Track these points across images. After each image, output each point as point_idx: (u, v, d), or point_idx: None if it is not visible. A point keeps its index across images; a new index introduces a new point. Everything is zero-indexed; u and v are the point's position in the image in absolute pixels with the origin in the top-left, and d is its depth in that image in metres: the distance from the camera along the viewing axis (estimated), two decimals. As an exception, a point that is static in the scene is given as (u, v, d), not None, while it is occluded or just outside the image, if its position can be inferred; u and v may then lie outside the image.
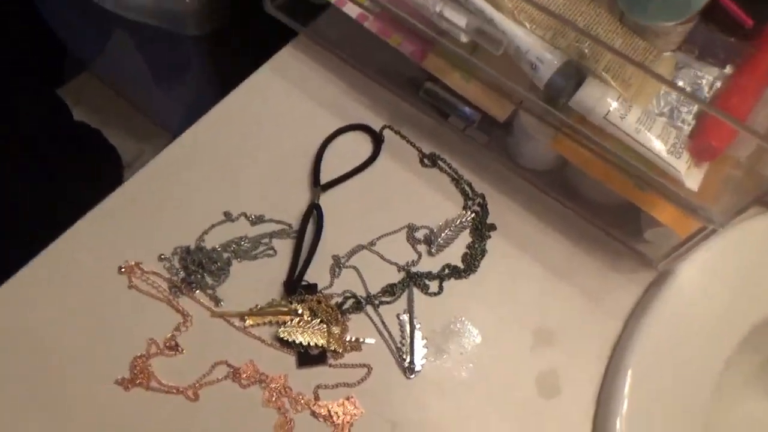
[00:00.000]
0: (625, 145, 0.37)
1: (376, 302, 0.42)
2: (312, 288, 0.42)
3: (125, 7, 0.76)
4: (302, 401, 0.38)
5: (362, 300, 0.42)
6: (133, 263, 0.42)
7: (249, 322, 0.40)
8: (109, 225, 0.43)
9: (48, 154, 0.91)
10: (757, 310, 0.42)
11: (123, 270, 0.42)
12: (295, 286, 0.42)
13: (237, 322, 0.41)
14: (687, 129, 0.38)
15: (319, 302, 0.41)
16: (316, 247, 0.43)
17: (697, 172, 0.36)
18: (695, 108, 0.38)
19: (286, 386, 0.39)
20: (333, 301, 0.42)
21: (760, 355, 0.44)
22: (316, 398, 0.39)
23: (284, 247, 0.44)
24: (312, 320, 0.40)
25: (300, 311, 0.40)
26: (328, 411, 0.38)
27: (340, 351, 0.40)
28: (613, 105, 0.36)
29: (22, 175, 0.82)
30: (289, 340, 0.39)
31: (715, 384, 0.40)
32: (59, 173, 0.91)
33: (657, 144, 0.36)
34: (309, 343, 0.39)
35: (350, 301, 0.42)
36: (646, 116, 0.37)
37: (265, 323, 0.41)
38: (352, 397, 0.39)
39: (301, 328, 0.40)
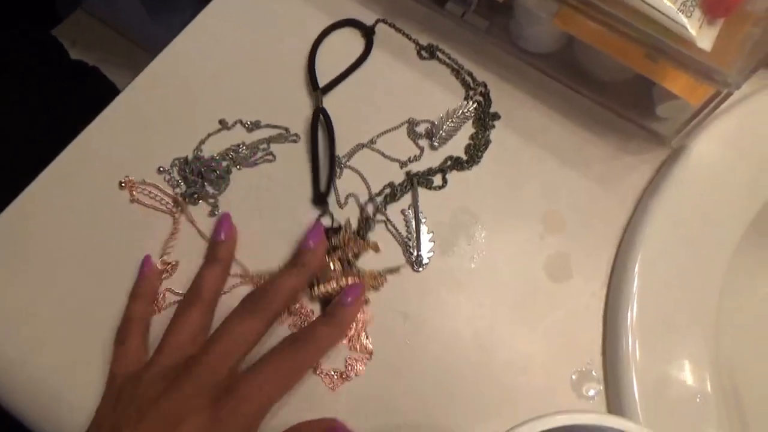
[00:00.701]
0: (634, 9, 0.35)
1: (382, 207, 0.41)
2: (336, 231, 0.40)
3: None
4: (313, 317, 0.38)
5: (369, 215, 0.41)
6: (132, 178, 0.42)
7: None
8: (105, 141, 0.42)
9: (46, 95, 0.90)
10: (773, 183, 0.40)
11: (124, 185, 0.42)
12: (324, 197, 0.40)
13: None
14: (700, -14, 0.35)
15: (355, 255, 0.39)
16: (334, 152, 0.41)
17: (711, 31, 0.34)
18: (709, -37, 0.35)
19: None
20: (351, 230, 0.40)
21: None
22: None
23: (283, 151, 0.43)
24: (344, 270, 0.39)
25: (332, 265, 0.39)
26: None
27: (378, 288, 0.39)
28: (619, -36, 0.34)
29: (18, 120, 0.82)
30: (331, 300, 0.38)
31: (729, 263, 0.39)
32: (59, 112, 0.90)
33: (666, 3, 0.33)
34: None
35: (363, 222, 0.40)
36: (654, -26, 0.34)
37: None
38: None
39: (335, 282, 0.38)
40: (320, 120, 0.42)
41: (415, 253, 0.40)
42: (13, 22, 1.16)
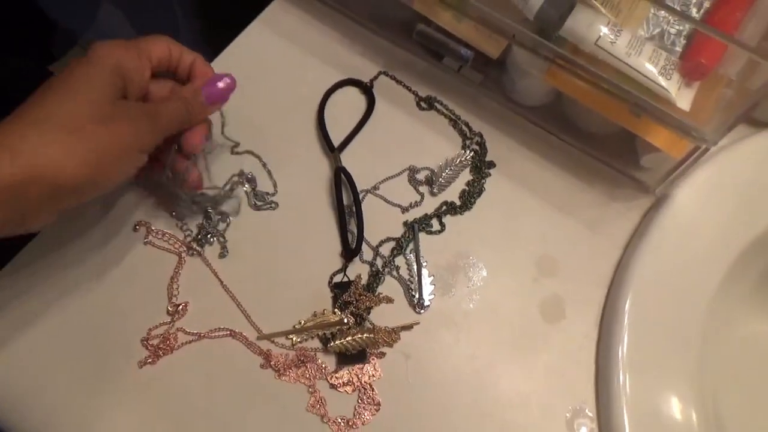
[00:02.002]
0: (617, 70, 0.38)
1: (391, 262, 0.43)
2: (345, 286, 0.42)
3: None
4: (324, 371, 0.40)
5: (379, 269, 0.43)
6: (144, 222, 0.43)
7: (295, 339, 0.40)
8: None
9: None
10: (750, 229, 0.43)
11: (137, 228, 0.43)
12: (356, 253, 0.42)
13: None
14: (677, 51, 0.38)
15: (368, 309, 0.41)
16: (361, 209, 0.43)
17: (688, 92, 0.37)
18: (684, 30, 0.39)
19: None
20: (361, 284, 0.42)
21: (754, 273, 0.46)
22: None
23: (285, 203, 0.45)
24: (358, 324, 0.41)
25: (346, 320, 0.40)
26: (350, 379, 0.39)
27: (392, 344, 0.40)
28: (604, 31, 0.37)
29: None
30: (347, 353, 0.39)
31: (712, 302, 0.41)
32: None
33: (648, 66, 0.37)
34: (361, 349, 0.40)
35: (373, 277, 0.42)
36: (636, 41, 0.37)
37: (311, 337, 0.41)
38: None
39: (351, 337, 0.40)
40: (342, 179, 0.44)
41: (417, 296, 0.42)
42: (9, 52, 1.18)
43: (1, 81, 0.91)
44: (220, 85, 0.40)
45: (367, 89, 0.48)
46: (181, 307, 0.41)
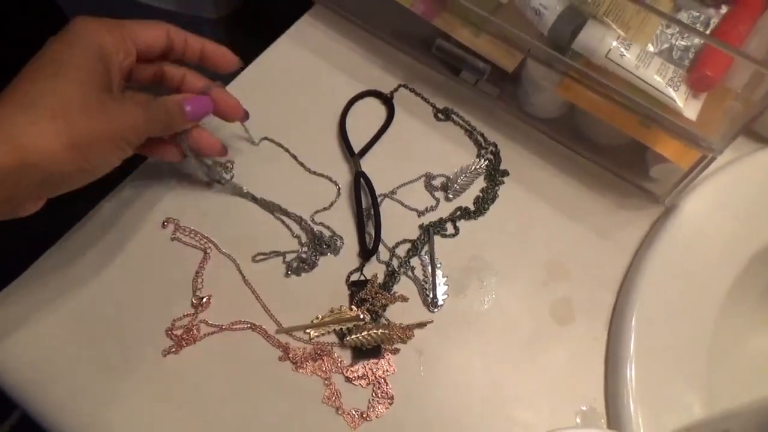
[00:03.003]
0: (627, 82, 0.40)
1: (406, 262, 0.44)
2: (362, 284, 0.43)
3: (143, -7, 0.79)
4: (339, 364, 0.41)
5: (395, 269, 0.44)
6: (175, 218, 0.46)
7: (313, 333, 0.41)
8: (149, 184, 0.47)
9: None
10: (756, 241, 0.44)
11: (166, 225, 0.45)
12: (373, 253, 0.44)
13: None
14: (684, 65, 0.40)
15: (383, 306, 0.42)
16: (378, 213, 0.45)
17: (696, 103, 0.39)
18: (692, 45, 0.41)
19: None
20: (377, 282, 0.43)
21: (761, 284, 0.47)
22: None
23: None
24: (374, 321, 0.42)
25: (362, 316, 0.42)
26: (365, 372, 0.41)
27: (406, 341, 0.42)
28: (614, 44, 0.39)
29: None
30: (363, 348, 0.41)
31: (719, 311, 0.42)
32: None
33: (656, 78, 0.39)
34: (376, 344, 0.41)
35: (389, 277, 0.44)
36: (645, 54, 0.39)
37: (328, 332, 0.42)
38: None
39: (366, 332, 0.41)
40: (361, 183, 0.46)
41: (431, 295, 0.43)
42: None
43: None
44: (204, 103, 0.40)
45: (387, 100, 0.51)
46: (204, 300, 0.43)
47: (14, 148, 0.31)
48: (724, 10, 0.43)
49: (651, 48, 0.41)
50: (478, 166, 0.48)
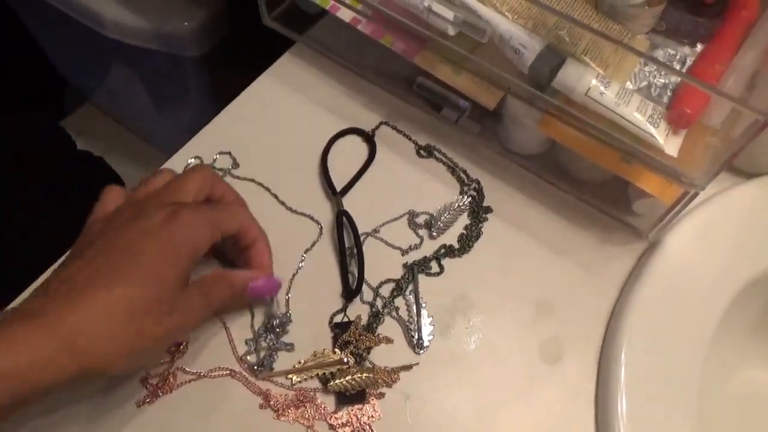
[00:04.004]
0: (608, 119, 0.40)
1: (390, 303, 0.44)
2: (346, 326, 0.42)
3: (124, 33, 0.80)
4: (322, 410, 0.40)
5: (379, 310, 0.43)
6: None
7: (295, 378, 0.40)
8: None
9: (52, 185, 0.93)
10: (741, 274, 0.44)
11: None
12: (356, 293, 0.43)
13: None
14: (664, 102, 0.41)
15: (367, 349, 0.41)
16: (362, 252, 0.44)
17: (676, 139, 0.39)
18: (670, 83, 0.41)
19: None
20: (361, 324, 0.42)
21: (747, 318, 0.46)
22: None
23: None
24: (358, 364, 0.41)
25: (346, 359, 0.41)
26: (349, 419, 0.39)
27: (391, 385, 0.40)
28: (593, 82, 0.39)
29: (28, 208, 0.84)
30: (347, 393, 0.39)
31: (708, 346, 0.42)
32: (64, 203, 0.93)
33: (636, 115, 0.39)
34: (360, 389, 0.40)
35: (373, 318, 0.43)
36: (624, 92, 0.40)
37: (311, 377, 0.40)
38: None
39: (350, 376, 0.40)
40: (344, 222, 0.46)
41: (416, 337, 0.42)
42: (22, 108, 1.22)
43: (12, 134, 0.93)
44: (272, 286, 0.41)
45: (369, 138, 0.51)
46: (182, 346, 0.41)
47: (83, 359, 0.31)
48: (699, 48, 0.43)
49: (630, 85, 0.41)
50: (461, 203, 0.47)
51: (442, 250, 0.46)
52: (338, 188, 0.48)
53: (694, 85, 0.37)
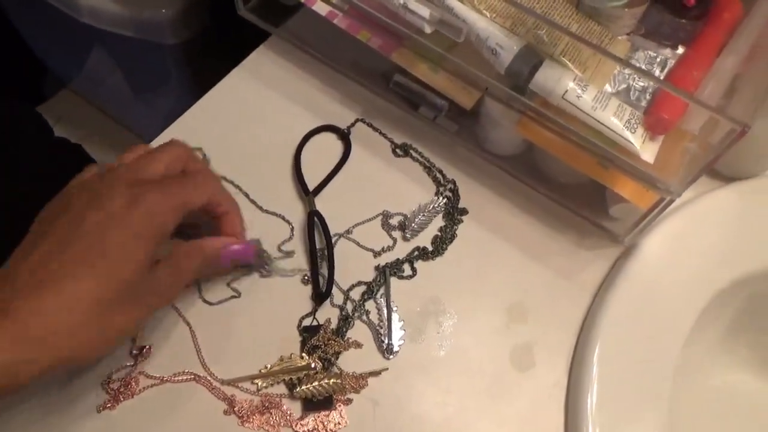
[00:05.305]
0: (584, 123, 0.39)
1: (360, 306, 0.43)
2: (315, 329, 0.41)
3: (102, 20, 0.78)
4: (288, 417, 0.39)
5: (349, 314, 0.42)
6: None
7: (261, 384, 0.39)
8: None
9: (29, 172, 0.91)
10: (718, 279, 0.44)
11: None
12: (326, 296, 0.42)
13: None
14: (642, 106, 0.40)
15: (336, 354, 0.40)
16: (332, 254, 0.43)
17: (653, 145, 0.38)
18: (649, 87, 0.40)
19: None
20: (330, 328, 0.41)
21: (721, 324, 0.46)
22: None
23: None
24: (326, 369, 0.40)
25: (313, 365, 0.40)
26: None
27: (359, 390, 0.40)
28: (571, 85, 0.38)
29: (1, 195, 0.82)
30: (314, 399, 0.39)
31: (681, 351, 0.42)
32: (40, 190, 0.91)
33: (613, 120, 0.38)
34: (327, 395, 0.39)
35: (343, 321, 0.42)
36: (602, 95, 0.39)
37: (278, 382, 0.40)
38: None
39: (317, 382, 0.39)
40: (315, 222, 0.44)
41: (387, 342, 0.41)
42: (1, 98, 1.19)
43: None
44: (246, 253, 0.41)
45: (344, 135, 0.49)
46: (145, 349, 0.40)
47: (53, 353, 0.32)
48: (680, 50, 0.42)
49: (608, 88, 0.40)
50: (436, 205, 0.46)
51: (416, 253, 0.45)
52: (311, 187, 0.47)
53: (672, 93, 0.36)
